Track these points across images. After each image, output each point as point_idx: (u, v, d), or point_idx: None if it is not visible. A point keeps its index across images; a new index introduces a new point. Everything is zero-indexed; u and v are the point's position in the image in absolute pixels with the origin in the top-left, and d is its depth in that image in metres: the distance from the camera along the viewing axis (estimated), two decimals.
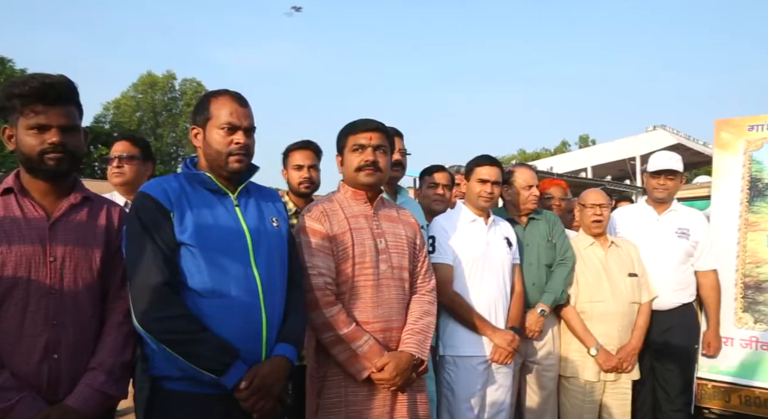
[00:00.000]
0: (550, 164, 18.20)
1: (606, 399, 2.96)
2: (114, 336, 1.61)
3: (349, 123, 2.11)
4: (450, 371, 2.62)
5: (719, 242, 3.23)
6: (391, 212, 2.14)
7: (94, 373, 1.55)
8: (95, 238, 1.63)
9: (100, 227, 1.65)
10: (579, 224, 3.19)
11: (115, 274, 1.66)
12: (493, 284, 2.66)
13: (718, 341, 3.14)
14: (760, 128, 3.28)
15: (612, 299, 2.93)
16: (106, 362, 1.57)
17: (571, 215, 3.60)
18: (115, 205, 1.75)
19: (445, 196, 3.17)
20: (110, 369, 1.57)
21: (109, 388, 1.56)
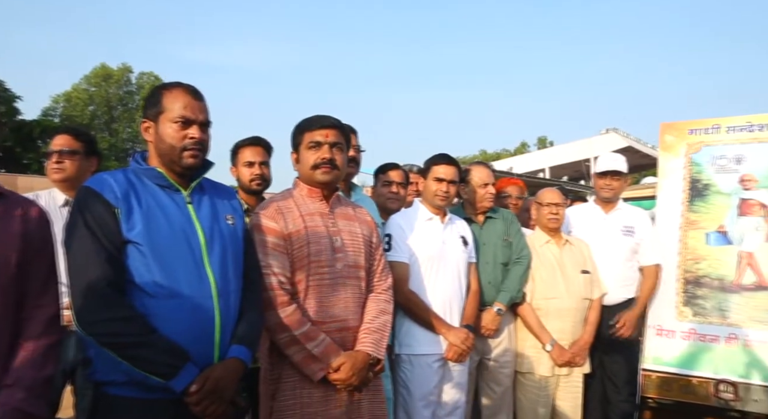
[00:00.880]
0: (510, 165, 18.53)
1: (559, 393, 3.05)
2: (33, 348, 1.42)
3: (304, 119, 2.08)
4: (406, 369, 2.63)
5: (663, 240, 3.38)
6: (347, 210, 2.13)
7: (11, 391, 1.36)
8: (8, 240, 1.42)
9: (14, 228, 1.44)
10: (535, 222, 3.28)
11: (34, 280, 1.46)
12: (449, 283, 2.69)
13: (632, 325, 3.19)
14: (699, 132, 3.44)
15: (566, 295, 3.02)
16: (25, 377, 1.38)
17: (527, 213, 3.69)
18: (33, 204, 1.54)
19: (399, 194, 3.18)
20: (30, 385, 1.38)
21: (30, 406, 1.37)
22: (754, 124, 3.31)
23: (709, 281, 3.28)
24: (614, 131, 19.17)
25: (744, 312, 3.15)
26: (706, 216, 3.34)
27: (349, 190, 2.72)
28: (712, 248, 3.30)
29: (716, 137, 3.39)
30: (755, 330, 3.10)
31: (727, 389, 3.09)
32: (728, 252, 3.25)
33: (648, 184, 4.88)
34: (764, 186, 3.23)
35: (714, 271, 3.27)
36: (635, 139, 18.61)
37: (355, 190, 2.74)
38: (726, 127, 3.38)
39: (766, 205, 3.21)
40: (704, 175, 3.39)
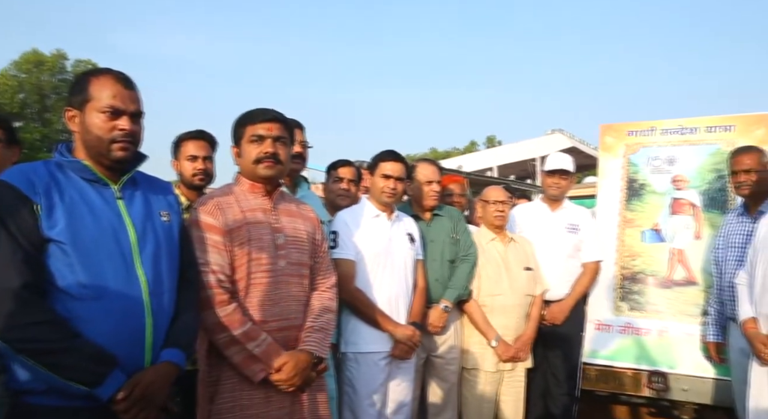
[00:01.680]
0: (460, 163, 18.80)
1: (503, 388, 3.10)
2: None
3: (246, 112, 2.01)
4: (351, 368, 2.61)
5: (603, 237, 3.50)
6: (290, 207, 2.08)
7: None
8: None
9: None
10: (481, 220, 3.32)
11: None
12: (395, 280, 2.68)
13: (561, 314, 3.26)
14: (637, 134, 3.59)
15: (510, 292, 3.06)
16: None
17: (473, 211, 3.74)
18: None
19: (350, 191, 3.16)
20: None
21: None
22: (685, 127, 3.47)
23: (643, 277, 3.42)
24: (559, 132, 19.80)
25: (674, 307, 3.31)
26: (642, 215, 3.49)
27: (295, 186, 2.66)
28: (646, 246, 3.45)
29: (652, 138, 3.54)
30: (684, 323, 3.26)
31: (659, 380, 3.24)
32: (661, 249, 3.41)
33: (589, 183, 5.06)
34: (694, 186, 3.40)
35: (648, 267, 3.42)
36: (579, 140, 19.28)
37: (301, 186, 2.69)
38: (661, 129, 3.53)
39: (695, 204, 3.38)
40: (640, 175, 3.54)
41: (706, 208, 3.33)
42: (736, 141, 3.23)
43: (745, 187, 2.86)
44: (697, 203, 3.37)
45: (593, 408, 4.28)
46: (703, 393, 3.14)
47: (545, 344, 3.25)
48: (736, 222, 2.94)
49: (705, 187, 3.36)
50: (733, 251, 2.89)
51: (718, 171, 3.31)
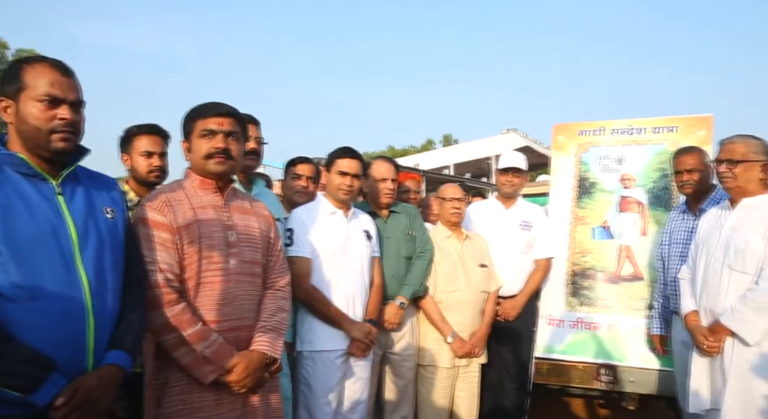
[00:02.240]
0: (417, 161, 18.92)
1: (458, 384, 3.13)
2: None
3: (197, 106, 1.94)
4: (307, 366, 2.58)
5: (554, 234, 3.58)
6: (243, 204, 2.02)
7: None
8: None
9: None
10: (437, 217, 3.34)
11: None
12: (352, 277, 2.67)
13: (514, 310, 3.31)
14: (588, 133, 3.70)
15: (466, 289, 3.09)
16: None
17: (428, 209, 3.76)
18: None
19: (308, 188, 3.12)
20: None
21: None
22: (633, 127, 3.59)
23: (593, 273, 3.53)
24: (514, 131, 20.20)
25: (622, 301, 3.43)
26: (592, 212, 3.60)
27: (250, 183, 2.60)
28: (596, 242, 3.55)
29: (602, 138, 3.65)
30: (631, 317, 3.38)
31: (608, 372, 3.34)
32: (610, 246, 3.52)
33: (542, 181, 5.18)
34: (640, 185, 3.52)
35: (598, 264, 3.52)
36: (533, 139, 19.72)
37: (256, 183, 2.63)
38: (610, 129, 3.65)
39: (642, 202, 3.50)
40: (591, 174, 3.65)
41: (652, 206, 3.46)
42: (680, 141, 3.36)
43: (687, 186, 2.98)
44: (643, 201, 3.49)
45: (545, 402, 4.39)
46: (648, 384, 3.26)
47: (498, 339, 3.30)
48: (680, 219, 3.06)
49: (651, 185, 3.49)
50: (677, 247, 3.00)
51: (663, 170, 3.44)
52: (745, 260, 2.41)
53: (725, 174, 2.50)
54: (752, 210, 2.47)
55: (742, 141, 2.51)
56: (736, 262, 2.43)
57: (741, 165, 2.46)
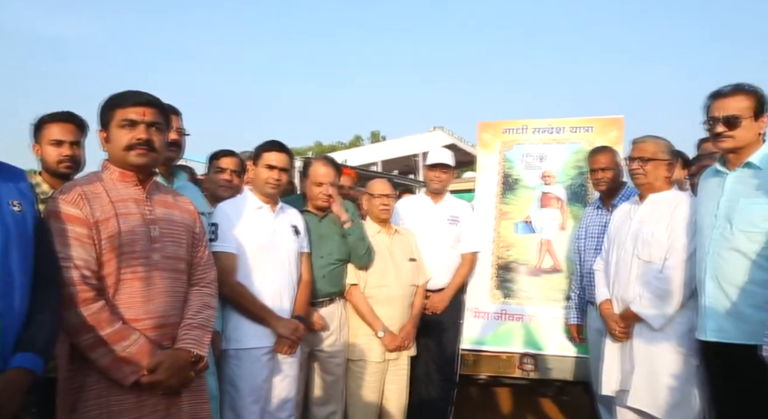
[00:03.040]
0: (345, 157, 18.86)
1: (388, 377, 3.15)
2: None
3: (116, 94, 1.83)
4: (233, 365, 2.51)
5: (480, 229, 3.70)
6: (166, 198, 1.93)
7: None
8: None
9: None
10: (366, 212, 3.35)
11: None
12: (279, 273, 2.62)
13: (441, 304, 3.40)
14: (511, 132, 3.85)
15: (396, 283, 3.12)
16: None
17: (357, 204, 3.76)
18: None
19: (232, 182, 3.04)
20: None
21: None
22: (553, 127, 3.78)
23: (516, 266, 3.68)
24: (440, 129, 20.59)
25: (542, 293, 3.60)
26: (515, 208, 3.75)
27: (171, 175, 2.48)
28: (519, 237, 3.71)
29: (525, 136, 3.81)
30: (551, 307, 3.55)
31: (529, 361, 3.50)
32: (532, 240, 3.68)
33: (468, 178, 5.33)
34: (560, 182, 3.71)
35: (521, 257, 3.68)
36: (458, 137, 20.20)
37: (178, 176, 2.52)
38: (532, 128, 3.81)
39: (561, 198, 3.69)
40: (514, 171, 3.80)
41: (570, 202, 3.66)
42: (595, 141, 3.57)
43: (601, 183, 3.17)
44: (562, 197, 3.68)
45: (470, 392, 4.54)
46: (566, 371, 3.45)
47: (426, 332, 3.36)
48: (594, 214, 3.25)
49: (569, 182, 3.69)
50: (592, 240, 3.19)
51: (580, 168, 3.64)
52: (652, 250, 2.60)
53: (637, 171, 2.69)
54: (658, 205, 2.67)
55: (652, 141, 2.71)
56: (644, 253, 2.62)
57: (651, 163, 2.65)
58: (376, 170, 16.80)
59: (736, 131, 2.23)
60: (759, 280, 2.13)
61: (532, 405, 4.34)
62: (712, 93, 2.32)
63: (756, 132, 2.25)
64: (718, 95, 2.29)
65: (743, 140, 2.24)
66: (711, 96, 2.32)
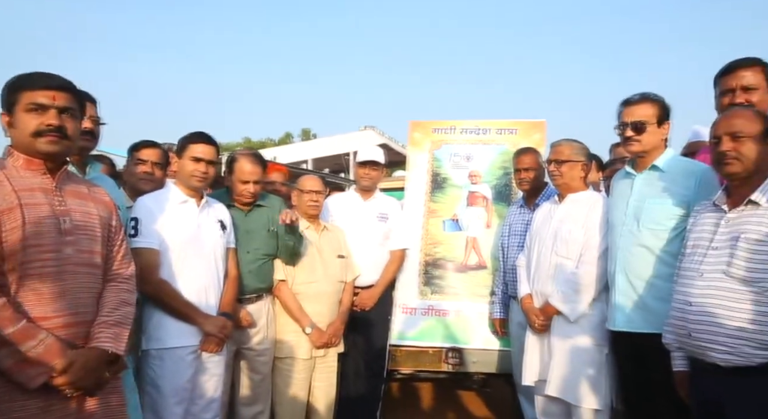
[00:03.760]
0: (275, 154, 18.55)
1: (316, 375, 3.13)
2: None
3: (23, 75, 1.70)
4: (155, 366, 2.42)
5: (410, 227, 3.76)
6: (80, 188, 1.82)
7: None
8: None
9: None
10: (296, 208, 3.31)
11: None
12: (205, 269, 2.54)
13: (370, 300, 3.43)
14: (440, 131, 3.95)
15: (324, 279, 3.11)
16: None
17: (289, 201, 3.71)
18: None
19: (154, 174, 2.91)
20: None
21: None
22: (480, 128, 3.91)
23: (444, 263, 3.76)
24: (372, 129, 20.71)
25: (468, 289, 3.70)
26: (443, 206, 3.84)
27: (85, 167, 2.34)
28: (447, 234, 3.80)
29: (453, 136, 3.92)
30: (476, 303, 3.66)
31: (455, 355, 3.59)
32: (459, 237, 3.78)
33: (399, 177, 5.40)
34: (486, 181, 3.84)
35: (448, 254, 3.76)
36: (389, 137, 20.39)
37: (92, 166, 2.38)
38: (460, 128, 3.93)
39: (487, 197, 3.82)
40: (443, 170, 3.89)
41: (495, 200, 3.79)
42: (519, 143, 3.72)
43: (525, 183, 3.31)
44: (488, 196, 3.81)
45: (398, 387, 4.60)
46: (490, 364, 3.56)
47: (355, 329, 3.37)
48: (518, 213, 3.39)
49: (495, 182, 3.82)
50: (515, 238, 3.32)
51: (505, 168, 3.78)
52: (569, 248, 2.74)
53: (554, 172, 2.84)
54: (576, 204, 2.82)
55: (567, 144, 2.86)
56: (562, 250, 2.76)
57: (566, 164, 2.81)
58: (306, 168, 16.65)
59: (643, 135, 2.40)
60: (663, 274, 2.29)
61: (456, 399, 4.46)
62: (623, 100, 2.49)
63: (660, 137, 2.44)
64: (628, 103, 2.47)
65: (649, 145, 2.42)
66: (622, 103, 2.49)
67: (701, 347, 1.86)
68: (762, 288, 1.75)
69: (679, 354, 2.05)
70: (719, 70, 2.40)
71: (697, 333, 1.86)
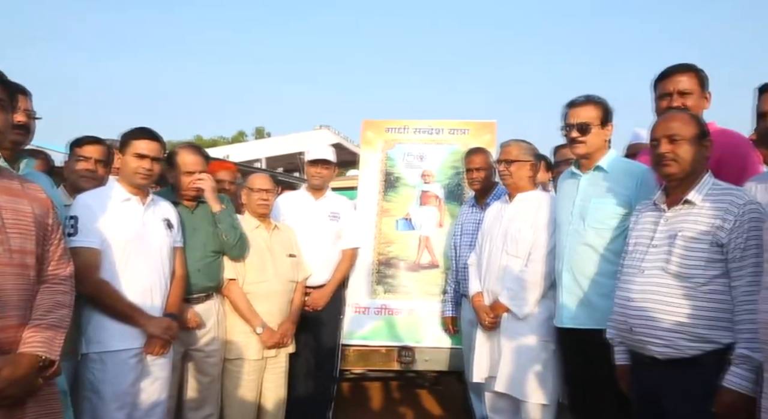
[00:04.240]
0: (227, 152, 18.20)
1: (266, 375, 3.09)
2: None
3: None
4: (95, 370, 2.32)
5: (362, 226, 3.75)
6: (11, 184, 1.71)
7: None
8: None
9: None
10: (245, 207, 3.25)
11: None
12: (150, 269, 2.46)
13: (322, 300, 3.41)
14: (393, 131, 3.96)
15: (275, 279, 3.07)
16: None
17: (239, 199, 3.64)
18: None
19: (96, 172, 2.79)
20: None
21: None
22: (433, 128, 3.95)
23: (396, 262, 3.78)
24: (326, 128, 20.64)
25: (421, 288, 3.73)
26: (396, 205, 3.86)
27: (16, 162, 2.21)
28: (400, 233, 3.81)
29: (406, 136, 3.94)
30: (428, 301, 3.69)
31: (407, 354, 3.60)
32: (411, 237, 3.80)
33: (352, 176, 5.39)
34: (438, 181, 3.88)
35: (401, 253, 3.78)
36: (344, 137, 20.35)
37: (24, 163, 2.26)
38: (413, 128, 3.95)
39: (439, 196, 3.86)
40: (396, 169, 3.91)
41: (448, 200, 3.83)
42: (470, 143, 3.77)
43: (476, 182, 3.36)
44: (440, 196, 3.85)
45: (350, 387, 4.59)
46: (441, 362, 3.60)
47: (306, 328, 3.34)
48: (469, 212, 3.44)
49: (447, 182, 3.86)
50: (467, 237, 3.37)
51: (457, 168, 3.83)
52: (518, 246, 2.80)
53: (503, 172, 2.90)
54: (525, 204, 2.88)
55: (516, 144, 2.93)
56: (511, 248, 2.82)
57: (514, 164, 2.87)
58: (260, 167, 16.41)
59: (587, 136, 2.48)
60: (606, 272, 2.37)
61: (409, 397, 4.48)
62: (568, 102, 2.57)
63: (603, 139, 2.52)
64: (573, 104, 2.54)
65: (593, 146, 2.50)
66: (567, 105, 2.57)
67: (641, 341, 1.93)
68: (696, 284, 1.84)
69: (621, 349, 2.12)
70: (657, 75, 2.52)
71: (637, 327, 1.94)
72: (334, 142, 16.35)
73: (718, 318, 1.81)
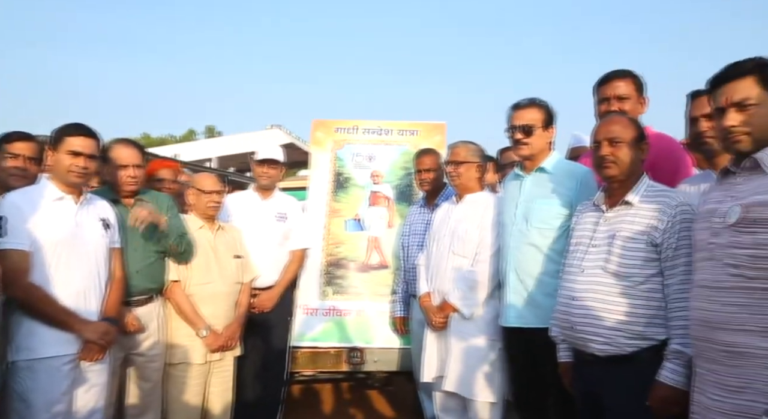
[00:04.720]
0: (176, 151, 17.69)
1: (211, 379, 3.01)
2: None
3: None
4: (25, 378, 2.20)
5: (312, 226, 3.71)
6: None
7: None
8: None
9: None
10: (192, 207, 3.15)
11: None
12: (85, 271, 2.36)
13: (269, 302, 3.36)
14: (343, 131, 3.94)
15: (220, 280, 3.00)
16: None
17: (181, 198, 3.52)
18: None
19: (27, 171, 2.66)
20: None
21: None
22: (382, 128, 3.96)
23: (346, 263, 3.76)
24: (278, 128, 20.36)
25: (370, 288, 3.72)
26: (346, 206, 3.84)
27: None
28: (349, 234, 3.80)
29: (355, 136, 3.93)
30: (378, 302, 3.69)
31: (356, 355, 3.59)
32: (361, 237, 3.80)
33: (302, 176, 5.33)
34: (388, 181, 3.89)
35: (350, 254, 3.77)
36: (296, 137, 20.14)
37: None
38: (362, 128, 3.95)
39: (389, 197, 3.87)
40: (346, 169, 3.89)
41: (397, 200, 3.85)
42: (420, 144, 3.80)
43: (425, 183, 3.38)
44: (390, 196, 3.86)
45: (299, 390, 4.53)
46: (391, 362, 3.61)
47: (254, 331, 3.27)
48: (418, 213, 3.45)
49: (396, 182, 3.88)
50: (416, 237, 3.38)
51: (407, 169, 3.84)
52: (465, 247, 2.84)
53: (452, 173, 2.93)
54: (472, 205, 2.92)
55: (464, 146, 2.97)
56: (459, 248, 2.85)
57: (462, 166, 2.91)
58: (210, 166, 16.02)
59: (531, 138, 2.53)
60: (550, 271, 2.43)
61: (359, 398, 4.47)
62: (513, 105, 2.62)
63: (546, 141, 2.59)
64: (517, 107, 2.60)
65: (536, 148, 2.56)
66: (512, 107, 2.62)
67: (583, 339, 1.98)
68: (634, 282, 1.91)
69: (564, 346, 2.18)
70: (597, 80, 2.60)
71: (579, 325, 1.99)
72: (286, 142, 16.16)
73: (655, 315, 1.88)
